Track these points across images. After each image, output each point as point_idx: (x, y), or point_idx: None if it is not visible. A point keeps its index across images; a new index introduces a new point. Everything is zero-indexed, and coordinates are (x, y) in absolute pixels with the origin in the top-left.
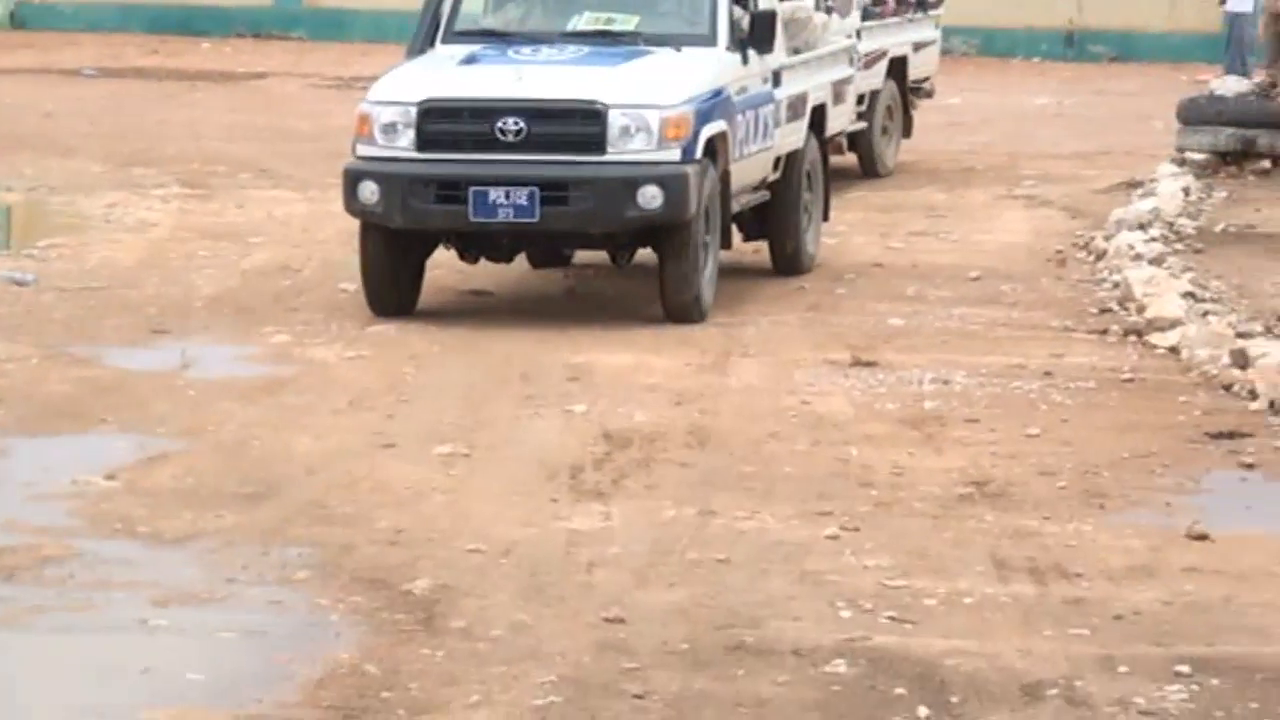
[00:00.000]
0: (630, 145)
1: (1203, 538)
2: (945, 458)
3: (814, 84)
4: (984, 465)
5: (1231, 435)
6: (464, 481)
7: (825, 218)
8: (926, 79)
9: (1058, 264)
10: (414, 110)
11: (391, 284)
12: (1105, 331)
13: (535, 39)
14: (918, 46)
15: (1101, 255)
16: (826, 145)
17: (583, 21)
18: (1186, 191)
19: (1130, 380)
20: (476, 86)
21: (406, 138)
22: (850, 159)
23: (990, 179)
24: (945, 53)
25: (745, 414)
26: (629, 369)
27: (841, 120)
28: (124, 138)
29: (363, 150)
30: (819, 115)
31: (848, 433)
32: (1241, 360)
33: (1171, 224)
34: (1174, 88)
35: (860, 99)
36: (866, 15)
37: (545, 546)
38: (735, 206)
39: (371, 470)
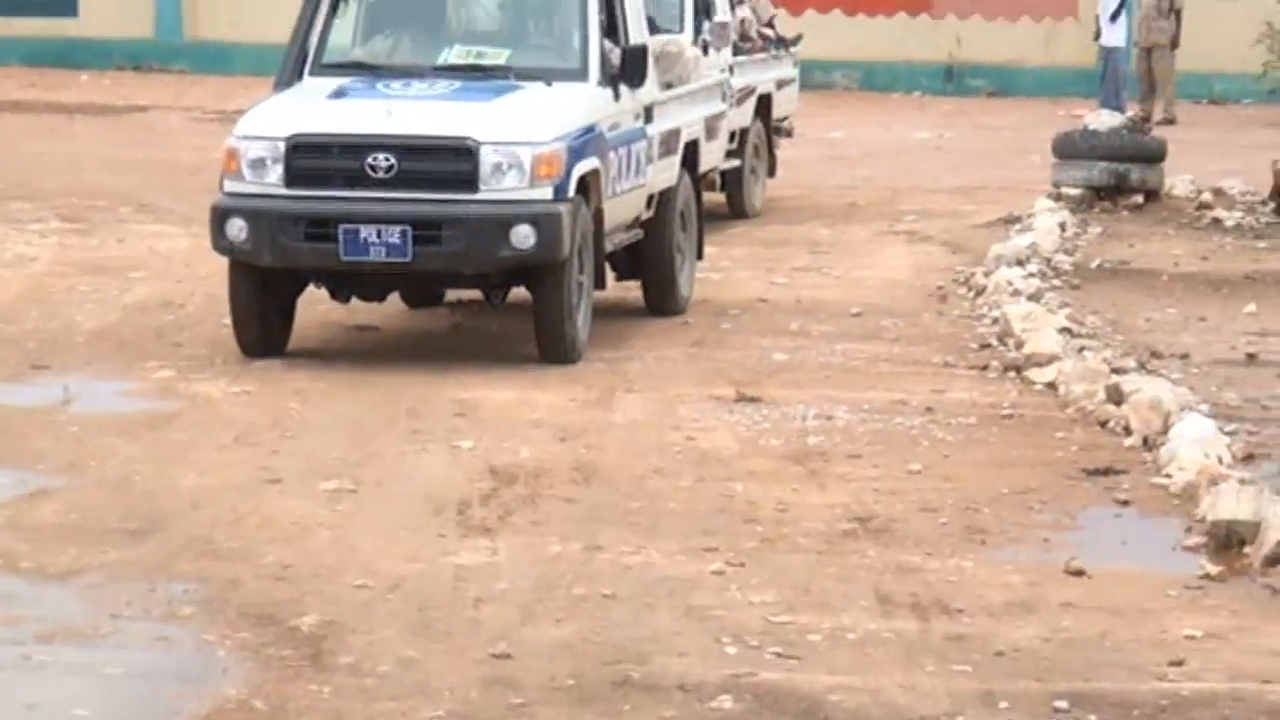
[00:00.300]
0: (503, 183)
1: (1079, 573)
2: (829, 493)
3: (687, 120)
4: (867, 501)
5: (1107, 472)
6: (350, 517)
7: (699, 256)
8: (786, 118)
9: (939, 299)
10: (282, 145)
11: (261, 323)
12: (985, 367)
13: (405, 73)
14: (780, 84)
15: (981, 291)
16: (700, 182)
17: (453, 55)
18: (1063, 227)
19: (1010, 416)
20: (346, 121)
21: (275, 173)
22: (719, 198)
23: (872, 214)
24: (826, 87)
25: (630, 449)
26: (514, 404)
27: (714, 156)
28: (1, 171)
29: (230, 186)
30: (692, 151)
31: (732, 468)
32: (1116, 396)
33: (1049, 259)
34: (1051, 122)
35: (731, 136)
36: (736, 51)
37: (432, 582)
38: (609, 245)
39: (257, 506)
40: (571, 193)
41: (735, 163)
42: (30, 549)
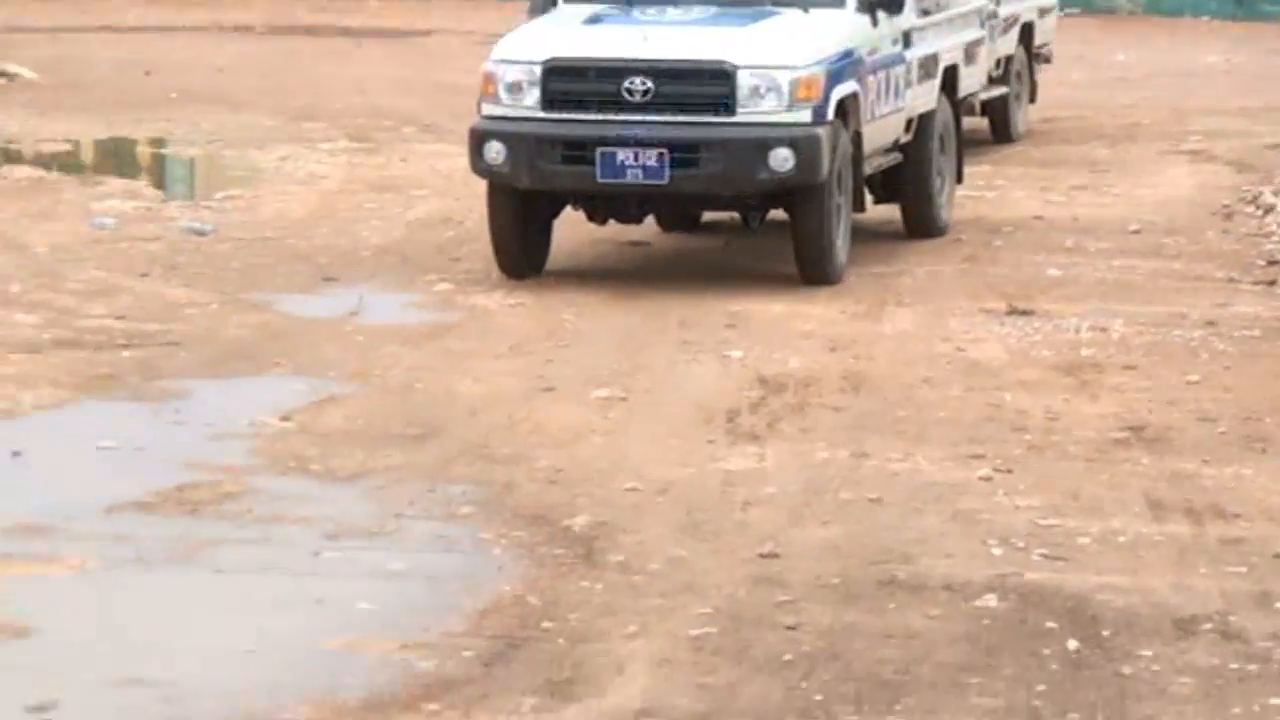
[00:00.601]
0: (761, 106)
1: None
2: (1101, 403)
3: (945, 45)
4: (1141, 411)
5: None
6: (621, 423)
7: (959, 180)
8: (1045, 44)
9: (1224, 217)
10: (539, 69)
11: (520, 244)
12: (1273, 283)
13: (660, 0)
14: (1041, 12)
15: (1270, 209)
16: (959, 106)
17: None
18: None
19: None
20: (602, 46)
21: (531, 97)
22: (981, 124)
23: (1155, 134)
24: (1110, 11)
25: (899, 359)
26: (784, 317)
27: (973, 81)
28: (293, 93)
29: (488, 109)
30: (951, 76)
31: (1001, 378)
32: None
33: None
34: None
35: (997, 63)
36: None
37: (701, 486)
38: (867, 169)
39: (531, 413)
40: (830, 116)
41: (1002, 89)
42: (320, 452)
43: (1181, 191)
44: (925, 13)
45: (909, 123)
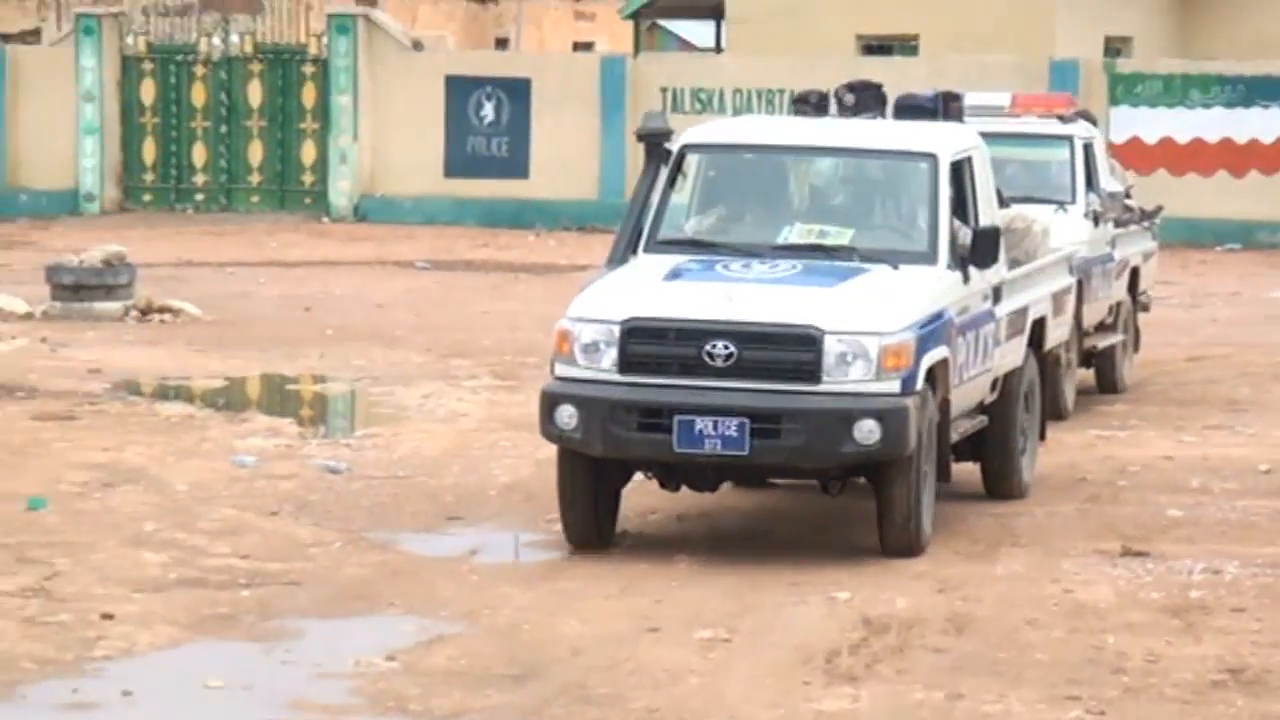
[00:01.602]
0: (848, 375)
1: None
2: (1204, 645)
3: (1034, 297)
4: (1243, 653)
5: None
6: (721, 664)
7: (1041, 437)
8: (1145, 290)
9: None
10: (618, 329)
11: (590, 513)
12: None
13: (744, 252)
14: (1146, 256)
15: None
16: (1045, 360)
17: (794, 234)
18: None
19: None
20: (685, 306)
21: (609, 358)
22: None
23: None
24: (1274, 246)
25: (1006, 601)
26: (906, 558)
27: (1061, 332)
28: (447, 329)
29: (562, 370)
30: (1038, 330)
31: (1107, 620)
32: None
33: None
34: None
35: (1110, 310)
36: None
37: None
38: (953, 435)
39: (633, 653)
40: (919, 385)
41: (1115, 337)
42: (421, 692)
43: None
44: (1015, 262)
45: (995, 382)
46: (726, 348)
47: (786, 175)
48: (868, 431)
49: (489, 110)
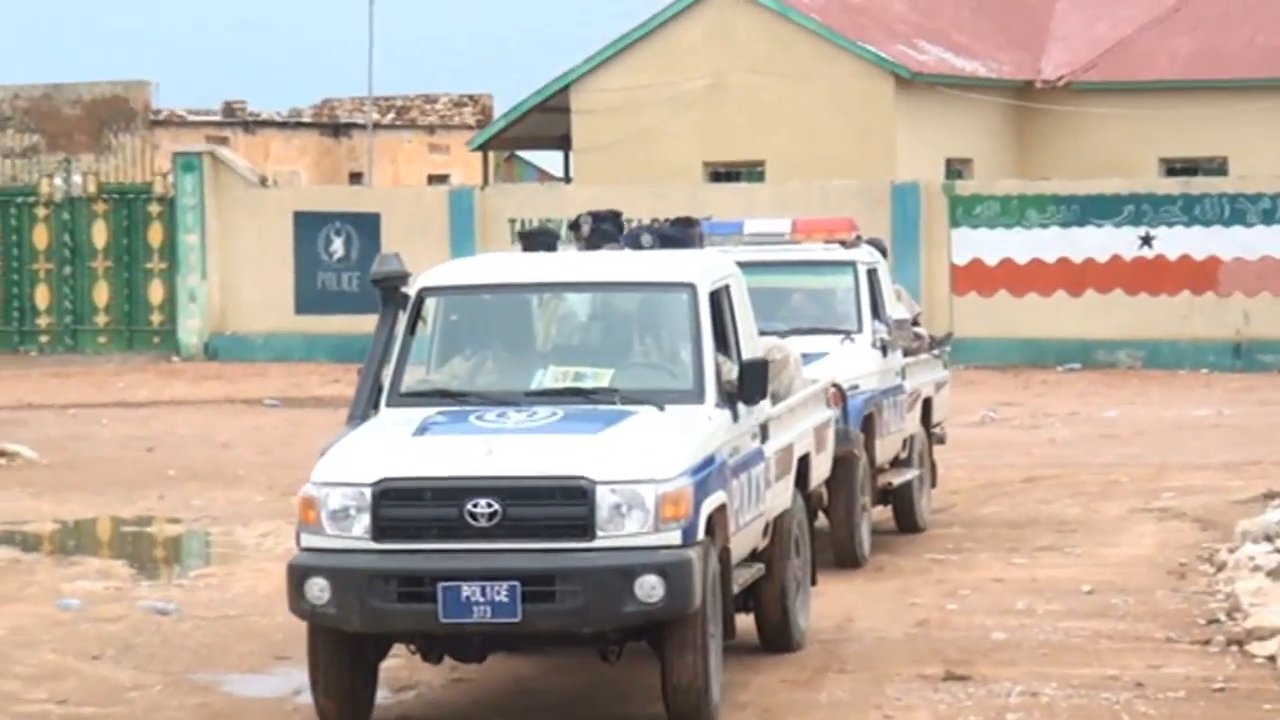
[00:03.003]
0: (624, 527)
1: None
2: None
3: (798, 433)
4: None
5: None
6: None
7: (813, 582)
8: (939, 423)
9: (1178, 576)
10: (369, 492)
11: (346, 694)
12: (1208, 642)
13: (497, 400)
14: (938, 386)
15: (1222, 566)
16: (810, 500)
17: (549, 378)
18: None
19: (1221, 690)
20: (440, 462)
21: (360, 525)
22: (885, 514)
23: (1130, 492)
24: (1110, 365)
25: None
26: (726, 687)
27: (823, 469)
28: (290, 466)
29: (309, 540)
30: (803, 468)
31: None
32: None
33: None
34: None
35: (904, 444)
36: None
37: None
38: (735, 587)
39: None
40: (700, 534)
41: (911, 473)
42: None
43: (1143, 551)
44: (774, 396)
45: (766, 527)
46: (490, 505)
47: (534, 315)
48: (650, 588)
49: (338, 245)
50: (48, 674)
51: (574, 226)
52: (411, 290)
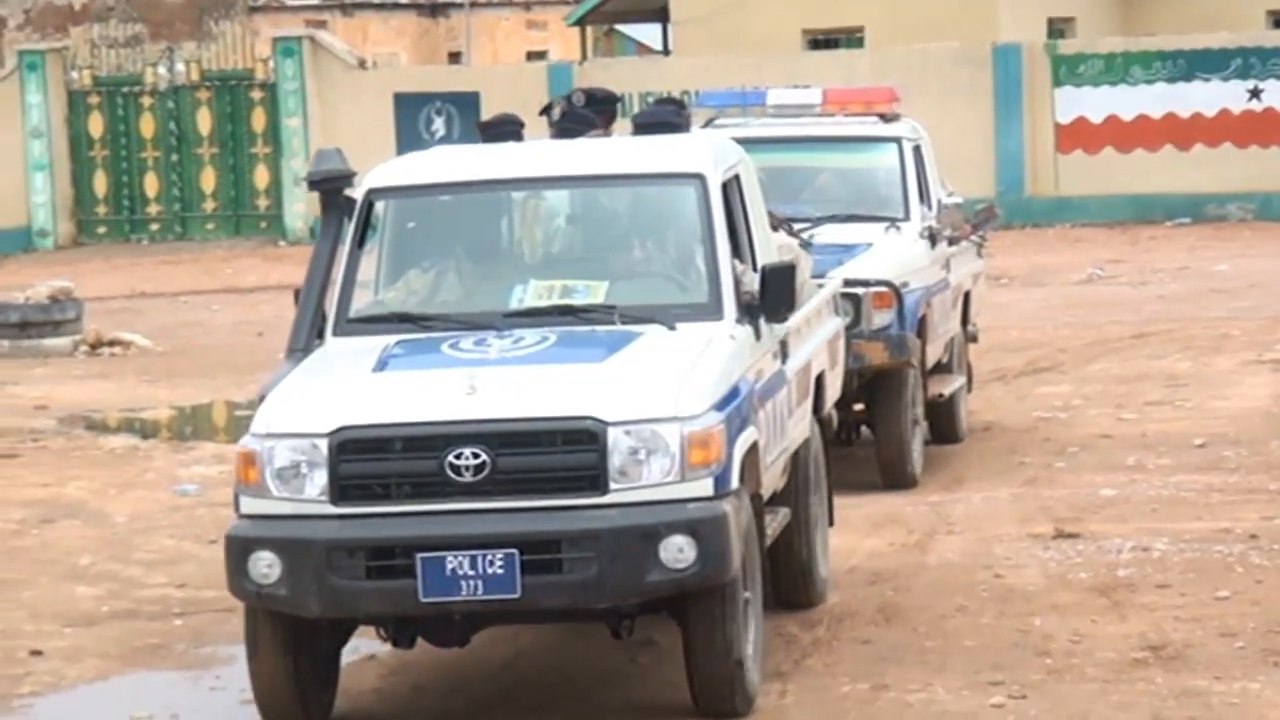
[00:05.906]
0: (643, 477)
1: None
2: (1128, 623)
3: (813, 348)
4: (1165, 629)
5: None
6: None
7: (830, 522)
8: (974, 320)
9: None
10: (325, 444)
11: (296, 688)
12: None
13: (471, 324)
14: (975, 278)
15: None
16: (824, 424)
17: (530, 294)
18: None
19: None
20: (412, 404)
21: (316, 484)
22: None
23: (1242, 345)
24: (1221, 219)
25: (936, 590)
26: (836, 551)
27: (836, 389)
28: None
29: (250, 505)
30: (819, 389)
31: (1034, 603)
32: None
33: None
34: None
35: (945, 347)
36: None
37: None
38: (767, 537)
39: None
40: (734, 483)
41: (956, 381)
42: (353, 712)
43: (1256, 403)
44: None
45: (786, 463)
46: (476, 456)
47: (507, 219)
48: (678, 551)
49: (439, 125)
50: (167, 559)
51: (545, 111)
52: (358, 193)
